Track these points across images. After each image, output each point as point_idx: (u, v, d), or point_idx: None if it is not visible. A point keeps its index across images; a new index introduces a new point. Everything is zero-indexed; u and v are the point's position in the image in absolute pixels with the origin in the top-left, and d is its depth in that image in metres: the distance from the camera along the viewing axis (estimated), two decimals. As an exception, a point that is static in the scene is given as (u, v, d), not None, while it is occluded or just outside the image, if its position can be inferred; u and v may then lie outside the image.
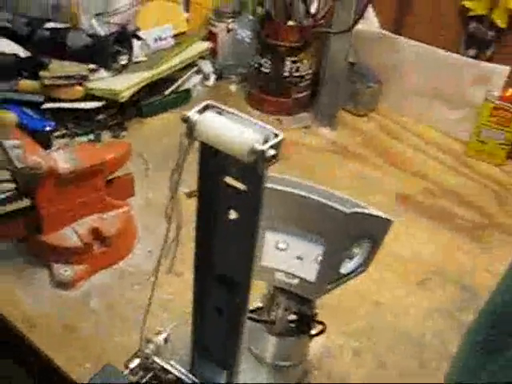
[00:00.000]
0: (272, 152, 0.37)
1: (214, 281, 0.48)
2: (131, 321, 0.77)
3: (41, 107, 1.08)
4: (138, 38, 1.22)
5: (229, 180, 0.42)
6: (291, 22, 1.12)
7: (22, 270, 0.82)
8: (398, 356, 0.77)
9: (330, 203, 0.50)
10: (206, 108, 0.40)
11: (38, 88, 1.08)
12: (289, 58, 1.14)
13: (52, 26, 1.22)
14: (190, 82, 1.25)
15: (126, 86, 1.09)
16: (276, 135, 0.38)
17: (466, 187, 1.08)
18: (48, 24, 1.23)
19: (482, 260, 0.92)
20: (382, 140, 1.18)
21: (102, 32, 1.23)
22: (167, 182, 0.99)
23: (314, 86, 1.20)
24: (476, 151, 1.14)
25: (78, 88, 1.08)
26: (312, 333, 0.66)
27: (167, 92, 1.19)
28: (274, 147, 0.37)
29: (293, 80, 1.17)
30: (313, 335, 0.66)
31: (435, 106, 1.18)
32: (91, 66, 1.12)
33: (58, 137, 1.07)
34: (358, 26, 1.10)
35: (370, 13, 1.19)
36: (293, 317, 0.64)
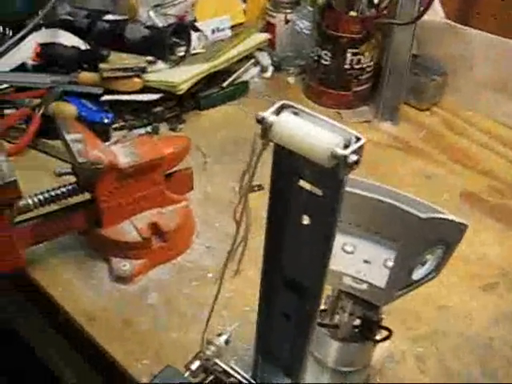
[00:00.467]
0: (354, 157, 0.34)
1: (282, 285, 0.46)
2: (189, 317, 0.76)
3: (99, 99, 1.09)
4: (196, 29, 1.21)
5: (303, 184, 0.40)
6: (353, 13, 1.09)
7: (82, 263, 0.82)
8: (463, 362, 0.74)
9: (405, 207, 0.47)
10: (282, 108, 0.38)
11: (97, 80, 1.08)
12: (350, 50, 1.11)
13: (111, 18, 1.23)
14: (248, 73, 1.23)
15: (184, 78, 1.08)
16: (358, 139, 0.35)
17: (536, 186, 1.03)
18: (107, 16, 1.23)
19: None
20: (446, 135, 1.14)
21: (160, 24, 1.23)
22: (226, 175, 1.00)
23: (376, 78, 1.17)
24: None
25: (136, 80, 1.08)
26: (376, 339, 0.64)
27: (225, 84, 1.17)
28: (356, 152, 0.34)
29: (353, 72, 1.14)
30: (377, 341, 0.64)
31: (504, 101, 1.13)
32: (149, 58, 1.12)
33: (116, 129, 1.08)
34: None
35: (435, 2, 1.14)
36: (357, 322, 0.62)
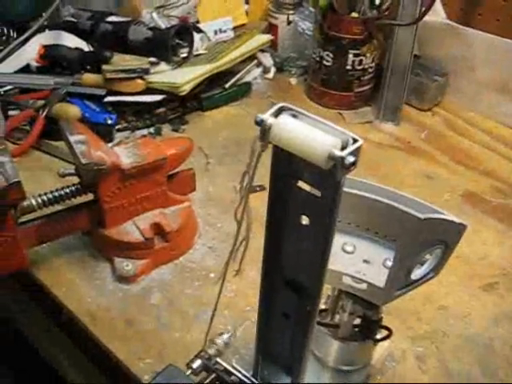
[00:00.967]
0: (351, 159, 0.35)
1: (282, 285, 0.47)
2: (191, 316, 0.77)
3: (103, 100, 1.10)
4: (199, 30, 1.22)
5: (302, 184, 0.40)
6: (354, 14, 1.09)
7: (86, 263, 0.83)
8: (463, 362, 0.74)
9: (405, 208, 0.48)
10: (281, 110, 0.38)
11: (100, 81, 1.09)
12: (351, 51, 1.11)
13: (114, 19, 1.23)
14: (250, 74, 1.24)
15: (187, 79, 1.09)
16: (355, 140, 0.36)
17: (537, 186, 1.03)
18: (110, 18, 1.24)
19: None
20: (448, 136, 1.14)
21: (163, 25, 1.23)
22: (228, 175, 1.00)
23: (377, 79, 1.17)
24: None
25: (139, 81, 1.09)
26: (377, 338, 0.64)
27: (227, 85, 1.18)
28: (353, 154, 0.35)
29: (355, 73, 1.14)
30: (377, 340, 0.65)
31: (506, 102, 1.13)
32: (152, 60, 1.12)
33: (118, 130, 1.09)
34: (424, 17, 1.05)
35: (436, 3, 1.14)
36: (358, 321, 0.62)
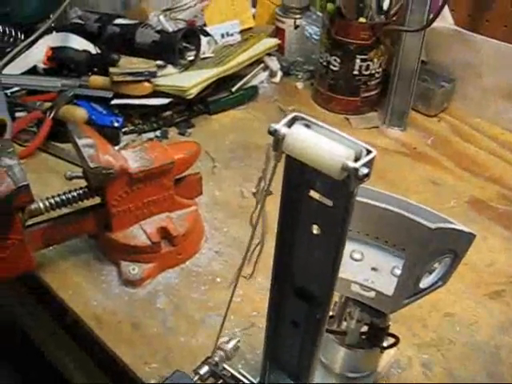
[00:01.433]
0: (365, 170, 0.35)
1: (291, 293, 0.47)
2: (197, 321, 0.77)
3: (109, 103, 1.10)
4: (206, 33, 1.22)
5: (314, 194, 0.40)
6: (362, 19, 1.09)
7: (92, 266, 0.83)
8: (469, 370, 0.74)
9: (415, 217, 0.48)
10: (294, 120, 0.38)
11: (107, 84, 1.09)
12: (359, 56, 1.11)
13: (121, 22, 1.24)
14: (257, 78, 1.24)
15: (194, 82, 1.09)
16: (368, 151, 0.36)
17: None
18: (117, 20, 1.24)
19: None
20: (454, 142, 1.14)
21: (170, 28, 1.24)
22: (234, 179, 1.00)
23: (384, 84, 1.17)
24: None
25: (146, 85, 1.09)
26: (383, 345, 0.64)
27: (234, 89, 1.18)
28: (366, 165, 0.35)
29: (362, 78, 1.14)
30: (384, 348, 0.65)
31: (513, 108, 1.13)
32: (159, 63, 1.13)
33: (125, 133, 1.09)
34: (431, 23, 1.05)
35: (444, 9, 1.14)
36: (365, 328, 0.62)
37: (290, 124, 0.38)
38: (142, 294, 0.80)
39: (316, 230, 0.42)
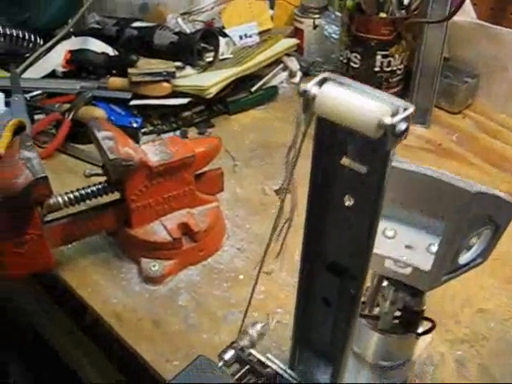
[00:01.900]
0: (403, 126, 0.32)
1: (323, 268, 0.44)
2: (219, 318, 0.74)
3: (128, 104, 1.09)
4: (224, 35, 1.21)
5: (347, 162, 0.38)
6: (383, 14, 1.08)
7: (111, 264, 0.81)
8: (505, 366, 0.70)
9: (454, 181, 0.45)
10: (325, 80, 0.36)
11: (126, 85, 1.09)
12: (380, 52, 1.09)
13: (139, 25, 1.23)
14: (277, 79, 1.22)
15: (213, 82, 1.08)
16: (405, 108, 0.33)
17: None
18: (135, 23, 1.24)
19: None
20: (480, 138, 1.11)
21: (188, 30, 1.23)
22: (255, 177, 0.98)
23: (405, 81, 1.15)
24: None
25: (165, 85, 1.08)
26: (419, 331, 0.61)
27: (253, 89, 1.17)
28: (404, 120, 0.33)
29: (383, 75, 1.12)
30: (419, 334, 0.61)
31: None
32: (177, 64, 1.12)
33: (144, 133, 1.08)
34: (453, 17, 1.03)
35: (466, 3, 1.12)
36: (399, 313, 0.59)
37: (321, 84, 0.36)
38: (163, 291, 0.78)
39: (348, 201, 0.40)
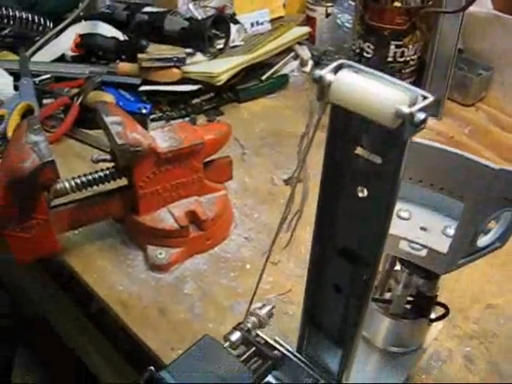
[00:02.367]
0: (422, 116, 0.31)
1: (334, 254, 0.43)
2: (226, 308, 0.74)
3: (137, 90, 1.08)
4: (236, 21, 1.20)
5: (361, 152, 0.37)
6: (397, 3, 1.06)
7: (118, 250, 0.80)
8: (515, 364, 0.69)
9: (476, 158, 0.43)
10: (341, 66, 0.35)
11: (135, 70, 1.08)
12: (393, 42, 1.07)
13: (150, 10, 1.22)
14: (288, 67, 1.21)
15: (224, 69, 1.07)
16: (424, 97, 0.32)
17: None
18: (146, 8, 1.23)
19: None
20: (492, 132, 1.09)
21: (199, 16, 1.22)
22: (265, 166, 0.97)
23: (419, 72, 1.13)
24: None
25: (175, 71, 1.07)
26: (431, 317, 0.60)
27: (264, 77, 1.15)
28: (423, 110, 0.32)
29: (397, 65, 1.10)
30: (433, 320, 0.60)
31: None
32: (188, 50, 1.10)
33: (153, 120, 1.07)
34: (469, 8, 1.01)
35: (482, -6, 1.10)
36: (411, 298, 0.58)
37: (337, 70, 0.35)
38: (169, 279, 0.77)
39: (361, 192, 0.39)
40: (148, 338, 0.70)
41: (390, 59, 1.09)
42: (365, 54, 1.11)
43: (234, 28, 1.18)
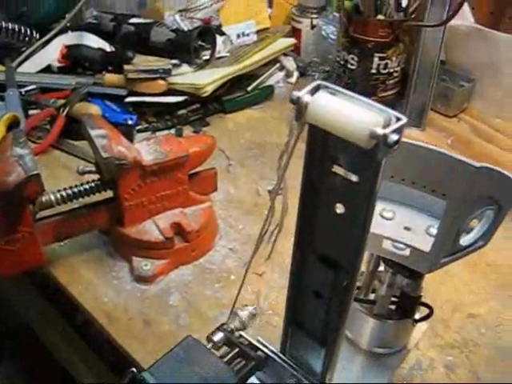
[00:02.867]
0: (395, 137, 0.32)
1: (315, 259, 0.44)
2: (210, 319, 0.74)
3: (123, 101, 1.08)
4: (222, 33, 1.21)
5: (338, 170, 0.38)
6: (381, 16, 1.07)
7: (103, 262, 0.81)
8: (495, 373, 0.70)
9: (457, 156, 0.44)
10: (318, 88, 0.36)
11: (122, 82, 1.08)
12: (377, 54, 1.09)
13: (136, 21, 1.23)
14: (273, 78, 1.22)
15: (209, 80, 1.08)
16: (398, 119, 0.33)
17: None
18: (132, 19, 1.24)
19: None
20: (474, 142, 1.11)
21: (185, 27, 1.23)
22: (249, 177, 0.98)
23: (402, 84, 1.15)
24: None
25: (160, 82, 1.07)
26: (415, 318, 0.60)
27: (250, 88, 1.16)
28: (397, 131, 0.33)
29: (380, 77, 1.12)
30: (417, 320, 0.61)
31: (535, 107, 1.10)
32: (174, 61, 1.11)
33: (139, 131, 1.07)
34: (451, 21, 1.03)
35: (464, 7, 1.12)
36: (395, 299, 0.59)
37: (314, 92, 0.36)
38: (154, 290, 0.78)
39: (339, 209, 0.40)
40: (133, 350, 0.70)
41: (373, 71, 1.11)
42: (349, 66, 1.12)
43: (219, 39, 1.19)
